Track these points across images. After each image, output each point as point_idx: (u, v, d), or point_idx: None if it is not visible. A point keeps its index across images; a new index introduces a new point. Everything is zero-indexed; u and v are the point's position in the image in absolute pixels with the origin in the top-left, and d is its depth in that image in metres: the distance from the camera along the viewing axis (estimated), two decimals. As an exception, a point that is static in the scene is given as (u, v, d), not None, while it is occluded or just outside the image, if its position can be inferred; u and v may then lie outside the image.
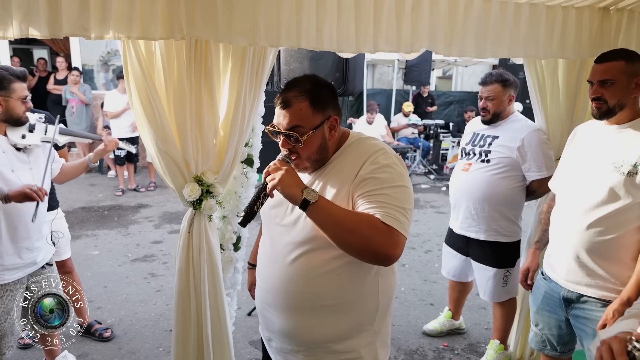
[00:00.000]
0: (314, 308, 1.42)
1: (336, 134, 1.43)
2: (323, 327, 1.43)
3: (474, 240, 2.76)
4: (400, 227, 1.29)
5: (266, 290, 1.51)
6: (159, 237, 5.10)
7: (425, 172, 8.55)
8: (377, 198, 1.31)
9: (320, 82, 1.43)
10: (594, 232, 1.79)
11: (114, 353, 3.00)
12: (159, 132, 1.92)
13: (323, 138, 1.40)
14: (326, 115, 1.40)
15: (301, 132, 1.36)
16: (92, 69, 8.92)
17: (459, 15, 2.11)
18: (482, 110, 2.72)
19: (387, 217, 1.28)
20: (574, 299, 1.89)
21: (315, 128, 1.37)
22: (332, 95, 1.43)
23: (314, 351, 1.47)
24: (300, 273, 1.40)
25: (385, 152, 1.39)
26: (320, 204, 1.28)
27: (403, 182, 1.35)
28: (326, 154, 1.43)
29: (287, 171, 1.31)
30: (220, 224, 2.34)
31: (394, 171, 1.35)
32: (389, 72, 12.98)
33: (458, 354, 3.09)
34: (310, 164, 1.42)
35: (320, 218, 1.29)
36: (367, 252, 1.30)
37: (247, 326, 3.31)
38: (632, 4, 2.32)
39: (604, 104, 1.81)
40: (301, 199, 1.27)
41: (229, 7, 1.75)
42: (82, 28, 1.62)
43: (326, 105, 1.40)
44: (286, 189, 1.29)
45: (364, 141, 1.45)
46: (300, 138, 1.36)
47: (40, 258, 2.29)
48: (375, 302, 1.45)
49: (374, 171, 1.34)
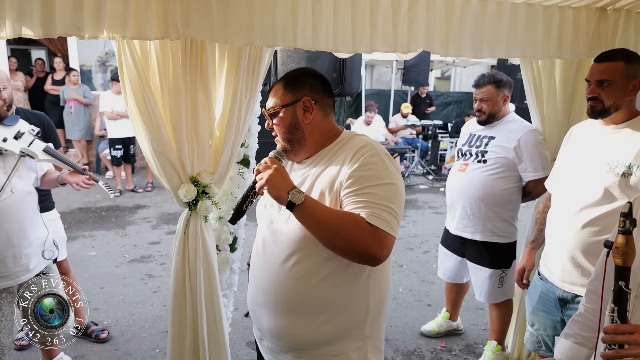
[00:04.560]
0: (303, 309, 1.41)
1: (312, 117, 1.44)
2: (311, 329, 1.41)
3: (469, 241, 2.75)
4: (387, 226, 1.27)
5: (257, 289, 1.50)
6: (156, 238, 5.09)
7: (423, 173, 8.55)
8: (363, 197, 1.29)
9: (306, 70, 1.51)
10: (589, 232, 1.78)
11: (111, 354, 2.99)
12: (155, 132, 1.91)
13: (294, 117, 1.44)
14: (298, 95, 1.43)
15: (274, 110, 1.44)
16: (90, 69, 8.92)
17: (456, 15, 2.11)
18: (478, 111, 2.72)
19: (372, 217, 1.27)
20: (569, 300, 1.88)
21: (285, 106, 1.43)
22: (312, 81, 1.47)
23: (302, 352, 1.46)
24: (291, 274, 1.40)
25: (373, 147, 1.37)
26: (306, 206, 1.27)
27: (390, 179, 1.33)
28: (301, 135, 1.45)
29: (275, 170, 1.32)
30: (217, 225, 2.33)
31: (380, 168, 1.33)
32: (388, 72, 12.99)
33: (455, 354, 3.08)
34: (288, 144, 1.46)
35: (306, 219, 1.29)
36: (353, 253, 1.29)
37: (244, 327, 3.30)
38: (629, 4, 2.32)
39: (600, 103, 1.80)
40: (287, 201, 1.27)
41: (225, 7, 1.75)
42: (76, 28, 1.61)
43: (300, 87, 1.44)
44: (273, 189, 1.30)
45: (353, 137, 1.45)
46: (272, 116, 1.45)
47: (32, 265, 2.21)
48: (365, 306, 1.43)
49: (359, 168, 1.32)
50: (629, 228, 1.05)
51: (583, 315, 1.42)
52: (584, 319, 1.41)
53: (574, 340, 1.41)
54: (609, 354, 1.09)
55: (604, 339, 1.10)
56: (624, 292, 1.07)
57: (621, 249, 1.05)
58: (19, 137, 2.15)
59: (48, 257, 2.29)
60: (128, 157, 6.90)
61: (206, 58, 1.90)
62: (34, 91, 8.22)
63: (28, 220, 2.18)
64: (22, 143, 2.15)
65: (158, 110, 1.90)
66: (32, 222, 2.20)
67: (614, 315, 1.09)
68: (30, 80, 8.30)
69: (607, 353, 1.10)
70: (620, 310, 1.08)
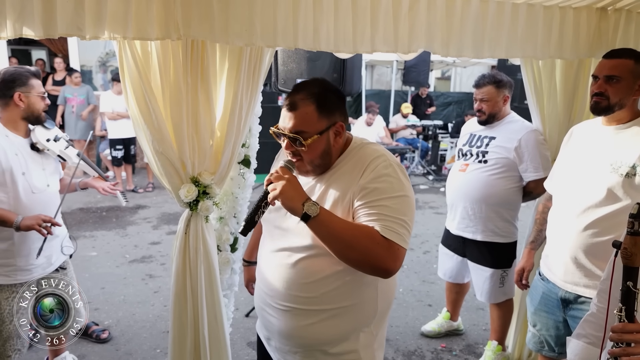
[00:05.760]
0: (313, 312, 1.42)
1: (341, 140, 1.41)
2: (321, 330, 1.42)
3: (470, 241, 2.75)
4: (400, 239, 1.28)
5: (266, 291, 1.50)
6: (157, 238, 5.09)
7: (424, 173, 8.55)
8: (377, 209, 1.29)
9: (329, 86, 1.41)
10: (592, 233, 1.78)
11: (111, 355, 2.99)
12: (155, 132, 1.91)
13: (327, 143, 1.37)
14: (332, 120, 1.37)
15: (305, 136, 1.33)
16: (91, 69, 8.91)
17: (456, 15, 2.11)
18: (478, 111, 2.73)
19: (386, 230, 1.27)
20: (571, 300, 1.88)
21: (320, 133, 1.35)
22: (339, 101, 1.41)
23: (311, 352, 1.47)
24: (300, 277, 1.40)
25: (386, 158, 1.37)
26: (321, 218, 1.27)
27: (403, 192, 1.33)
28: (329, 160, 1.40)
29: (288, 181, 1.29)
30: (217, 225, 2.33)
31: (394, 180, 1.33)
32: (388, 73, 12.99)
33: (456, 355, 3.08)
34: (312, 168, 1.40)
35: (320, 231, 1.28)
36: (366, 266, 1.30)
37: (245, 327, 3.30)
38: (630, 4, 2.32)
39: (605, 99, 1.80)
40: (302, 213, 1.26)
41: (225, 7, 1.74)
42: (77, 28, 1.61)
43: (333, 110, 1.38)
44: (287, 201, 1.28)
45: (365, 146, 1.43)
46: (304, 142, 1.33)
47: (54, 258, 2.29)
48: (374, 307, 1.45)
49: (373, 180, 1.32)
50: (637, 230, 1.06)
51: (595, 315, 1.42)
52: (596, 318, 1.41)
53: (587, 340, 1.41)
54: (616, 352, 1.11)
55: (611, 337, 1.13)
56: (632, 292, 1.09)
57: (629, 249, 1.07)
58: (57, 140, 2.28)
59: (67, 252, 2.38)
60: (128, 158, 6.90)
61: (207, 58, 1.90)
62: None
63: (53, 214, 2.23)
64: (60, 146, 2.29)
65: (159, 111, 1.90)
66: (57, 218, 2.26)
67: (622, 314, 1.11)
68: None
69: (614, 351, 1.12)
70: (628, 309, 1.10)
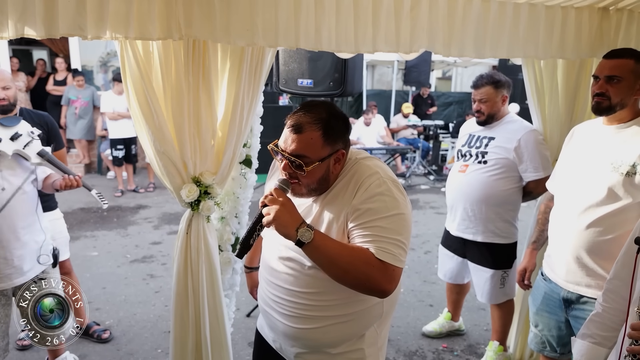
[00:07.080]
0: (321, 317, 1.42)
1: (340, 166, 1.39)
2: (328, 333, 1.43)
3: (471, 242, 2.75)
4: (395, 260, 1.28)
5: (271, 297, 1.49)
6: (158, 238, 5.09)
7: (424, 173, 8.55)
8: (371, 231, 1.28)
9: (336, 113, 1.38)
10: (594, 232, 1.78)
11: (113, 354, 2.99)
12: (157, 132, 1.91)
13: (327, 170, 1.36)
14: (335, 148, 1.35)
15: (307, 161, 1.31)
16: (92, 69, 8.91)
17: (458, 15, 2.11)
18: (477, 112, 2.72)
19: (380, 252, 1.26)
20: (574, 300, 1.88)
21: (322, 160, 1.33)
22: (345, 128, 1.39)
23: (318, 353, 1.48)
24: (308, 286, 1.39)
25: (379, 176, 1.34)
26: (315, 244, 1.25)
27: (398, 209, 1.31)
28: (326, 185, 1.39)
29: (283, 205, 1.27)
30: (219, 225, 2.33)
31: (388, 199, 1.31)
32: (389, 72, 12.99)
33: (457, 355, 3.08)
34: (308, 191, 1.38)
35: (314, 256, 1.28)
36: (362, 288, 1.31)
37: (246, 327, 3.30)
38: (632, 4, 2.32)
39: (607, 100, 1.80)
40: (296, 239, 1.25)
41: (227, 7, 1.74)
42: (79, 28, 1.61)
43: (338, 138, 1.36)
44: (281, 227, 1.26)
45: (359, 162, 1.41)
46: (304, 167, 1.31)
47: (27, 268, 2.17)
48: (379, 310, 1.46)
49: (366, 200, 1.30)
50: None
51: (601, 315, 1.42)
52: (602, 318, 1.41)
53: (592, 340, 1.41)
54: (635, 349, 1.14)
55: (630, 334, 1.15)
56: None
57: None
58: (16, 139, 2.14)
59: (43, 262, 2.23)
60: (129, 157, 6.90)
61: (208, 58, 1.90)
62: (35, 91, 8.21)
63: (20, 220, 2.13)
64: (18, 145, 2.14)
65: (160, 111, 1.90)
66: (27, 223, 2.16)
67: None
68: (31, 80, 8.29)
69: (633, 348, 1.15)
70: None
